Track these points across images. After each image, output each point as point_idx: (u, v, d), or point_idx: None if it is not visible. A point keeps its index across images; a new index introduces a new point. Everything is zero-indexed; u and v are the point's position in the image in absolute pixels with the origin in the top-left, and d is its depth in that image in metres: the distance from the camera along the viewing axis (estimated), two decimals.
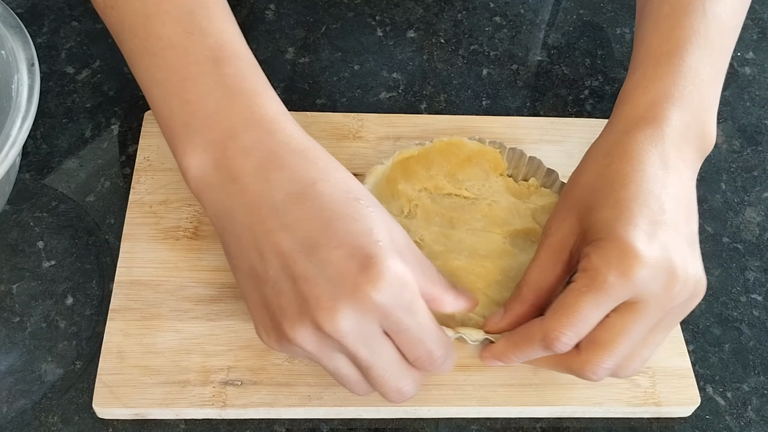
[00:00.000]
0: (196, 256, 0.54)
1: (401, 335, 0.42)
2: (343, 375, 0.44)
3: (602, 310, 0.43)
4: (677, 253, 0.43)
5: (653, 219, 0.43)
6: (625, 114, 0.48)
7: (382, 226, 0.42)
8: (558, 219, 0.47)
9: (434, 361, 0.43)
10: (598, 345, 0.43)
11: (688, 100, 0.47)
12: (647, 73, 0.48)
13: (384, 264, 0.40)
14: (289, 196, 0.41)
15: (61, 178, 0.59)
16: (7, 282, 0.53)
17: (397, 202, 0.55)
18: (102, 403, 0.48)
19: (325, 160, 0.43)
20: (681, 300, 0.43)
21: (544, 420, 0.51)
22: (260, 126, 0.43)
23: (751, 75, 0.71)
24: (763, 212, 0.62)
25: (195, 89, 0.43)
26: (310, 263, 0.40)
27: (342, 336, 0.40)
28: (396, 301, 0.40)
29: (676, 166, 0.45)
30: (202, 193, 0.44)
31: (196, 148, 0.43)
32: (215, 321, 0.51)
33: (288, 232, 0.41)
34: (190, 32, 0.44)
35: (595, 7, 0.75)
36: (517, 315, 0.47)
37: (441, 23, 0.72)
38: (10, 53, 0.50)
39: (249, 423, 0.49)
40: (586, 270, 0.43)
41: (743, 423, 0.52)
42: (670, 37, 0.48)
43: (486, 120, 0.63)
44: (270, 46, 0.69)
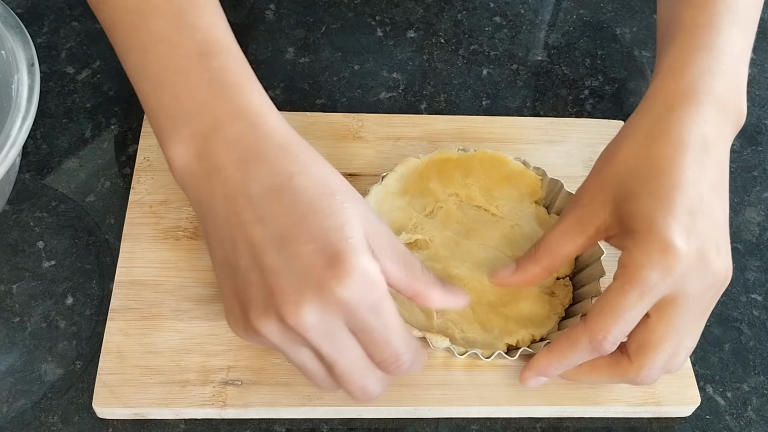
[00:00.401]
0: (196, 256, 0.54)
1: (366, 335, 0.42)
2: (309, 369, 0.44)
3: (645, 306, 0.43)
4: (713, 244, 0.43)
5: (692, 208, 0.43)
6: (666, 87, 0.47)
7: (356, 222, 0.41)
8: (590, 192, 0.47)
9: (400, 364, 0.43)
10: (647, 348, 0.44)
11: (726, 73, 0.47)
12: (685, 45, 0.48)
13: (352, 261, 0.39)
14: (266, 189, 0.41)
15: (61, 178, 0.59)
16: (7, 282, 0.53)
17: (424, 199, 0.55)
18: (102, 403, 0.48)
19: (306, 154, 0.43)
20: (714, 291, 0.44)
21: (544, 420, 0.51)
22: (244, 118, 0.43)
23: (751, 75, 0.71)
24: (763, 212, 0.62)
25: (183, 83, 0.44)
26: (279, 256, 0.40)
27: (305, 330, 0.40)
28: (362, 300, 0.40)
29: (716, 145, 0.45)
30: (186, 184, 0.44)
31: (181, 140, 0.43)
32: (215, 321, 0.51)
33: (262, 225, 0.41)
34: (179, 27, 0.44)
35: (595, 7, 0.75)
36: (528, 274, 0.48)
37: (441, 23, 0.72)
38: (10, 53, 0.50)
39: (249, 423, 0.49)
40: (627, 266, 0.43)
41: (743, 423, 0.52)
42: (703, 10, 0.49)
43: (486, 120, 0.63)
44: (270, 46, 0.69)
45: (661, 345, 0.44)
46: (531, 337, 0.50)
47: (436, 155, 0.55)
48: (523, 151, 0.58)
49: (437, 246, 0.53)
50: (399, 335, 0.42)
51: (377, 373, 0.44)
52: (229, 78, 0.44)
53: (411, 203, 0.55)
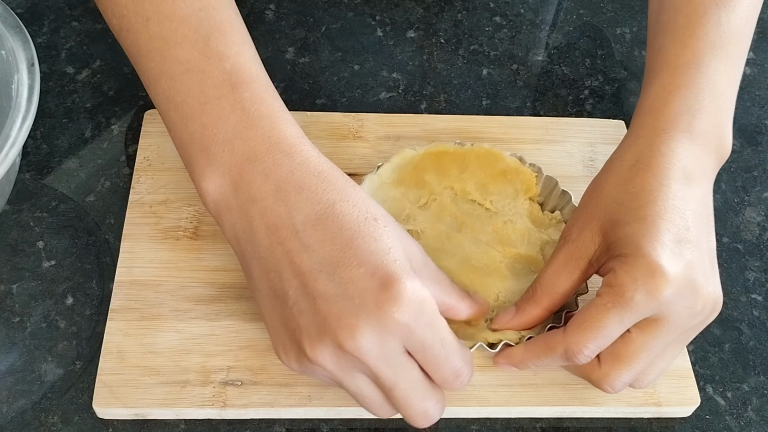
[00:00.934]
0: (196, 256, 0.54)
1: (426, 354, 0.42)
2: (366, 396, 0.43)
3: (625, 325, 0.43)
4: (700, 271, 0.43)
5: (679, 236, 0.43)
6: (646, 125, 0.48)
7: (399, 245, 0.42)
8: (579, 226, 0.47)
9: (463, 379, 0.43)
10: (618, 359, 0.44)
11: (708, 111, 0.47)
12: (666, 84, 0.48)
13: (404, 283, 0.40)
14: (309, 218, 0.42)
15: (61, 178, 0.59)
16: (7, 282, 0.53)
17: (419, 191, 0.55)
18: (102, 403, 0.48)
19: (342, 181, 0.44)
20: (701, 318, 0.44)
21: (544, 420, 0.51)
22: (279, 149, 0.43)
23: (751, 75, 0.71)
24: (763, 212, 0.62)
25: (213, 113, 0.44)
26: (330, 282, 0.40)
27: (363, 354, 0.40)
28: (418, 319, 0.40)
29: (698, 179, 0.46)
30: (222, 216, 0.44)
31: (215, 171, 0.43)
32: (215, 321, 0.51)
33: (308, 253, 0.41)
34: (207, 56, 0.44)
35: (595, 7, 0.75)
36: (529, 316, 0.47)
37: (441, 23, 0.72)
38: (10, 53, 0.50)
39: (249, 423, 0.49)
40: (612, 285, 0.43)
41: (743, 423, 0.52)
42: (685, 48, 0.49)
43: (486, 120, 0.63)
44: (270, 46, 0.69)
45: (633, 360, 0.44)
46: (518, 338, 0.49)
47: (433, 148, 0.56)
48: (523, 151, 0.58)
49: (428, 238, 0.54)
50: (456, 350, 0.43)
51: (437, 394, 0.44)
52: (262, 109, 0.44)
53: (405, 194, 0.55)
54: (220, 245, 0.54)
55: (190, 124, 0.44)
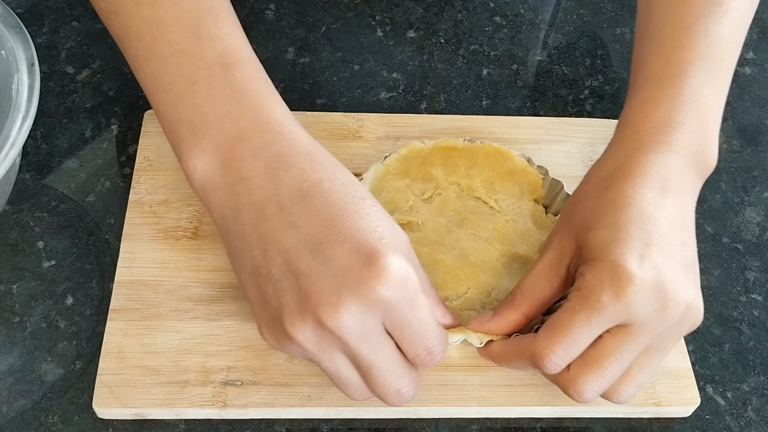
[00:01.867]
0: (196, 256, 0.54)
1: (404, 331, 0.42)
2: (343, 377, 0.43)
3: (594, 330, 0.43)
4: (670, 276, 0.43)
5: (648, 242, 0.43)
6: (627, 137, 0.48)
7: (386, 224, 0.42)
8: (558, 235, 0.47)
9: (434, 356, 0.43)
10: (586, 363, 0.43)
11: (690, 123, 0.47)
12: (649, 96, 0.48)
13: (388, 258, 0.40)
14: (296, 194, 0.42)
15: (61, 178, 0.59)
16: (7, 282, 0.53)
17: (424, 184, 0.55)
18: (102, 403, 0.48)
19: (331, 162, 0.44)
20: (671, 323, 0.43)
21: (544, 420, 0.51)
22: (268, 128, 0.43)
23: (751, 75, 0.71)
24: (763, 212, 0.62)
25: (204, 93, 0.44)
26: (314, 259, 0.40)
27: (344, 332, 0.40)
28: (400, 296, 0.40)
29: (676, 191, 0.45)
30: (208, 195, 0.44)
31: (203, 150, 0.43)
32: (215, 321, 0.51)
33: (293, 230, 0.41)
34: (198, 37, 0.44)
35: (595, 7, 0.75)
36: (506, 320, 0.47)
37: (441, 23, 0.72)
38: (10, 53, 0.50)
39: (249, 423, 0.49)
40: (580, 289, 0.43)
41: (743, 423, 0.52)
42: (671, 60, 0.48)
43: (486, 120, 0.63)
44: (270, 46, 0.69)
45: (601, 364, 0.43)
46: None
47: (442, 143, 0.56)
48: (523, 150, 0.58)
49: (428, 230, 0.54)
50: (433, 328, 0.43)
51: (412, 373, 0.44)
52: (252, 88, 0.44)
53: (410, 186, 0.55)
54: (220, 245, 0.54)
55: (180, 104, 0.44)
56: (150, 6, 0.44)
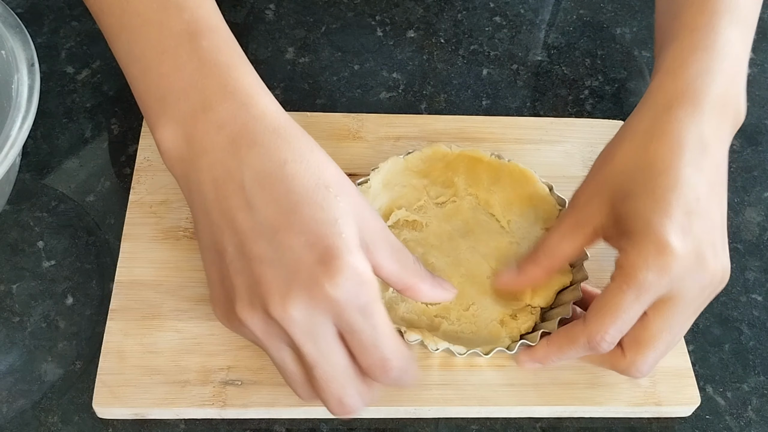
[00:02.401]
0: (196, 256, 0.53)
1: (354, 336, 0.40)
2: (288, 371, 0.42)
3: (642, 306, 0.44)
4: (709, 245, 0.43)
5: (688, 209, 0.43)
6: (664, 88, 0.47)
7: (349, 217, 0.40)
8: (587, 193, 0.47)
9: (388, 370, 0.41)
10: (641, 344, 0.45)
11: (725, 74, 0.47)
12: (684, 46, 0.48)
13: (344, 259, 0.38)
14: (258, 175, 0.40)
15: (61, 178, 0.59)
16: (7, 282, 0.53)
17: (443, 189, 0.55)
18: (102, 403, 0.48)
19: (299, 140, 0.42)
20: (711, 290, 0.45)
21: (544, 420, 0.51)
22: (234, 98, 0.42)
23: (751, 75, 0.71)
24: (763, 212, 0.62)
25: (170, 63, 0.43)
26: (269, 246, 0.39)
27: (289, 325, 0.39)
28: (352, 299, 0.39)
29: (713, 145, 0.45)
30: (174, 167, 0.44)
31: (169, 121, 0.43)
32: (215, 321, 0.50)
33: (251, 212, 0.40)
34: (166, 7, 0.44)
35: (595, 7, 0.75)
36: (529, 275, 0.49)
37: (441, 23, 0.72)
38: (10, 53, 0.50)
39: (249, 423, 0.49)
40: (623, 267, 0.43)
41: (743, 423, 0.52)
42: (703, 11, 0.49)
43: (486, 120, 0.63)
44: (270, 46, 0.69)
45: (655, 342, 0.45)
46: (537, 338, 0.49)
47: (469, 152, 0.55)
48: (523, 151, 0.58)
49: (430, 233, 0.54)
50: (388, 340, 0.41)
51: (359, 386, 0.42)
52: (219, 57, 0.43)
53: (427, 187, 0.55)
54: None
55: (148, 75, 0.44)
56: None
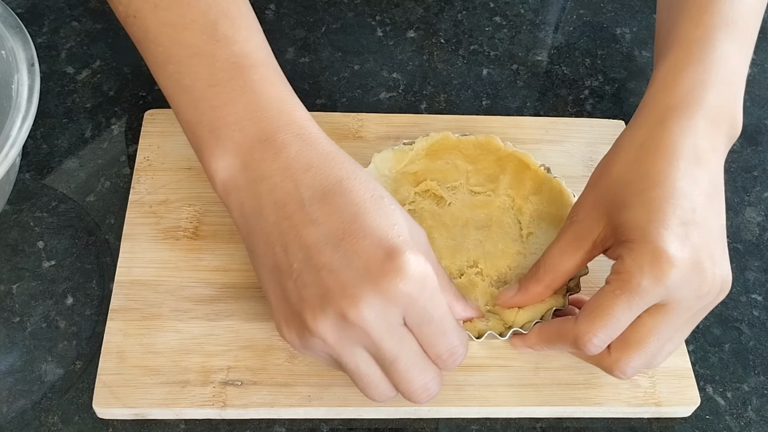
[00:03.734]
0: (196, 256, 0.54)
1: (424, 328, 0.42)
2: (364, 374, 0.43)
3: (634, 312, 0.43)
4: (707, 253, 0.43)
5: (685, 219, 0.43)
6: (658, 101, 0.47)
7: (404, 223, 0.43)
8: (585, 207, 0.47)
9: (457, 356, 0.44)
10: (628, 345, 0.44)
11: (720, 86, 0.47)
12: (679, 59, 0.48)
13: (407, 255, 0.40)
14: (317, 193, 0.42)
15: (61, 178, 0.59)
16: (7, 282, 0.53)
17: (486, 182, 0.55)
18: (102, 403, 0.48)
19: (349, 162, 0.45)
20: (709, 300, 0.44)
21: (544, 420, 0.51)
22: (288, 130, 0.44)
23: (751, 75, 0.71)
24: (763, 212, 0.62)
25: (223, 94, 0.44)
26: (335, 254, 0.41)
27: (366, 324, 0.40)
28: (420, 292, 0.41)
29: (708, 157, 0.45)
30: (230, 195, 0.45)
31: (225, 152, 0.44)
32: (215, 321, 0.51)
33: (314, 226, 0.42)
34: (216, 40, 0.45)
35: (595, 7, 0.75)
36: (531, 293, 0.48)
37: (441, 23, 0.72)
38: (10, 53, 0.50)
39: (249, 423, 0.49)
40: (620, 272, 0.43)
41: (743, 423, 0.52)
42: (699, 24, 0.49)
43: (486, 120, 0.63)
44: (270, 46, 0.69)
45: (643, 345, 0.44)
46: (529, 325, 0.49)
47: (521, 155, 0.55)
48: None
49: (448, 213, 0.54)
50: (453, 327, 0.43)
51: (435, 368, 0.44)
52: (271, 91, 0.45)
53: (470, 173, 0.55)
54: (220, 245, 0.54)
55: (199, 106, 0.45)
56: (166, 9, 0.45)
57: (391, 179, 0.55)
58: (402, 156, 0.55)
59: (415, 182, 0.55)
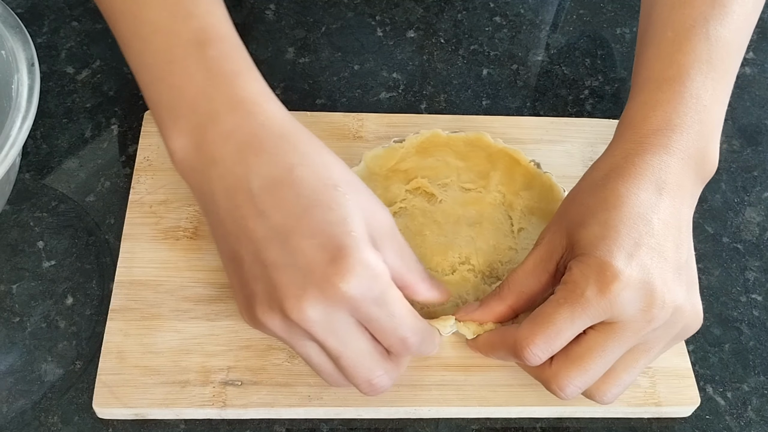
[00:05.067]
0: (196, 256, 0.54)
1: (372, 325, 0.42)
2: (315, 363, 0.44)
3: (576, 325, 0.43)
4: (659, 277, 0.42)
5: (638, 241, 0.43)
6: (626, 139, 0.47)
7: (357, 215, 0.41)
8: (551, 231, 0.47)
9: (408, 347, 0.43)
10: (568, 358, 0.43)
11: (689, 127, 0.47)
12: (648, 99, 0.48)
13: (355, 256, 0.40)
14: (266, 182, 0.41)
15: (61, 178, 0.59)
16: (7, 282, 0.53)
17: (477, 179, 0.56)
18: (102, 403, 0.48)
19: (306, 144, 0.43)
20: (658, 324, 0.43)
21: (544, 420, 0.51)
22: (241, 108, 0.43)
23: (751, 75, 0.71)
24: (763, 212, 0.62)
25: (180, 73, 0.43)
26: (282, 251, 0.40)
27: (309, 325, 0.40)
28: (366, 293, 0.40)
29: (672, 193, 0.45)
30: (187, 177, 0.44)
31: (180, 132, 0.43)
32: (215, 321, 0.51)
33: (262, 219, 0.41)
34: (175, 15, 0.44)
35: (595, 7, 0.75)
36: (492, 311, 0.48)
37: (441, 23, 0.72)
38: (10, 53, 0.50)
39: (249, 423, 0.49)
40: (566, 282, 0.43)
41: (743, 423, 0.52)
42: (672, 63, 0.48)
43: (486, 120, 0.63)
44: (270, 46, 0.69)
45: (584, 362, 0.43)
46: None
47: (511, 152, 0.55)
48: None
49: (439, 209, 0.54)
50: (405, 321, 0.43)
51: (385, 365, 0.44)
52: (226, 66, 0.43)
53: (461, 170, 0.56)
54: None
55: (159, 84, 0.44)
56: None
57: (382, 177, 0.55)
58: (392, 154, 0.55)
59: (406, 180, 0.55)
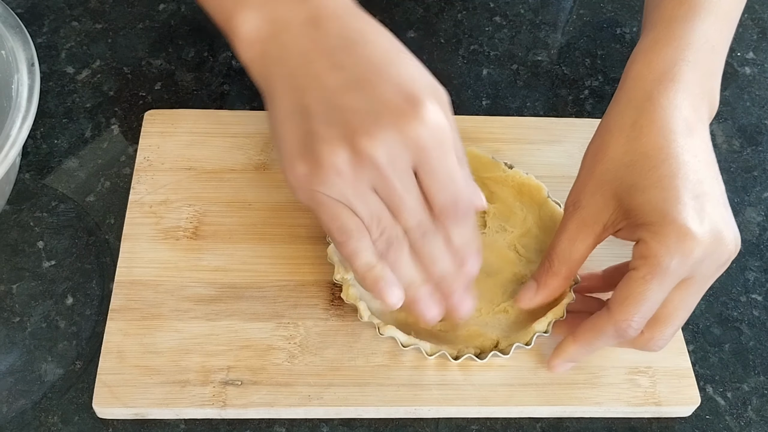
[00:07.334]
0: (196, 256, 0.54)
1: (431, 176, 0.42)
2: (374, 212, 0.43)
3: (665, 292, 0.45)
4: (721, 220, 0.45)
5: (696, 192, 0.44)
6: (640, 75, 0.48)
7: (429, 77, 0.43)
8: (588, 192, 0.47)
9: (457, 212, 0.43)
10: (659, 322, 0.46)
11: (701, 63, 0.48)
12: (660, 35, 0.49)
13: (427, 104, 0.41)
14: (341, 41, 0.43)
15: (61, 178, 0.59)
16: (7, 282, 0.53)
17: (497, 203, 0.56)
18: (102, 403, 0.48)
19: (373, 20, 0.45)
20: (724, 262, 0.45)
21: (544, 420, 0.51)
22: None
23: (751, 75, 0.71)
24: (763, 212, 0.62)
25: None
26: (359, 96, 0.41)
27: (378, 160, 0.40)
28: (434, 140, 0.41)
29: (698, 128, 0.47)
30: (253, 48, 0.44)
31: (248, 7, 0.44)
32: (215, 321, 0.51)
33: (337, 71, 0.42)
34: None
35: (595, 7, 0.75)
36: (551, 288, 0.49)
37: (441, 23, 0.72)
38: (10, 53, 0.50)
39: (249, 423, 0.49)
40: (646, 257, 0.44)
41: (743, 423, 0.52)
42: (682, 5, 0.50)
43: (486, 120, 0.63)
44: None
45: (672, 319, 0.46)
46: (529, 338, 0.50)
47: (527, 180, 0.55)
48: (523, 151, 0.58)
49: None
50: (461, 180, 0.43)
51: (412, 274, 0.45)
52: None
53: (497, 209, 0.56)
54: (220, 245, 0.54)
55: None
56: None
57: None
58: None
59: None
